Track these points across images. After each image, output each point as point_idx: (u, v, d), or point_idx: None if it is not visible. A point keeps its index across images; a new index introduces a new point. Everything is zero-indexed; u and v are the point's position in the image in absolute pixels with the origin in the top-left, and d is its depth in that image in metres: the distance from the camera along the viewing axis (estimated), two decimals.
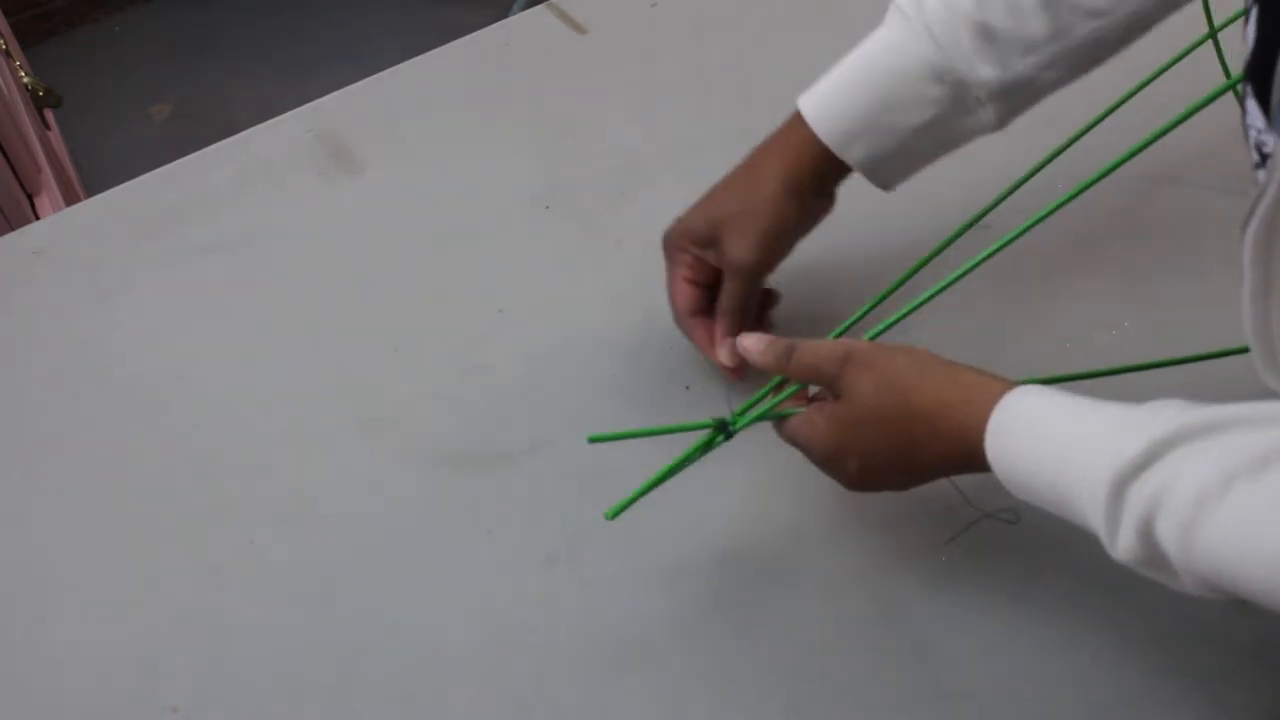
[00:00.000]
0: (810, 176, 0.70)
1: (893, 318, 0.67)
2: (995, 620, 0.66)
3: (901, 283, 0.73)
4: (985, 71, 0.66)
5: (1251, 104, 0.50)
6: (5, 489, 0.76)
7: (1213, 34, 0.79)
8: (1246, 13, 0.51)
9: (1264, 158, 0.47)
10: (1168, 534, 0.48)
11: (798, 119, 0.70)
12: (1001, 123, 0.69)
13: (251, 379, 0.81)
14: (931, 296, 0.68)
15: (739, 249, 0.70)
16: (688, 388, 0.77)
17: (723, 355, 0.72)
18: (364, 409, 0.79)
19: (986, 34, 0.65)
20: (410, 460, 0.76)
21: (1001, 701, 0.63)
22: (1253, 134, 0.50)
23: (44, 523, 0.74)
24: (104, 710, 0.66)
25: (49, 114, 2.00)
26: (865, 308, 0.72)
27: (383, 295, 0.86)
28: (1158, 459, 0.49)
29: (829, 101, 0.69)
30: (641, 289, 0.79)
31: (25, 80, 1.86)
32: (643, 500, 0.65)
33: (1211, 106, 0.67)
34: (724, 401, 0.69)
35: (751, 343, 0.66)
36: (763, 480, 0.72)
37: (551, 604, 0.68)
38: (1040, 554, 0.67)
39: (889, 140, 0.69)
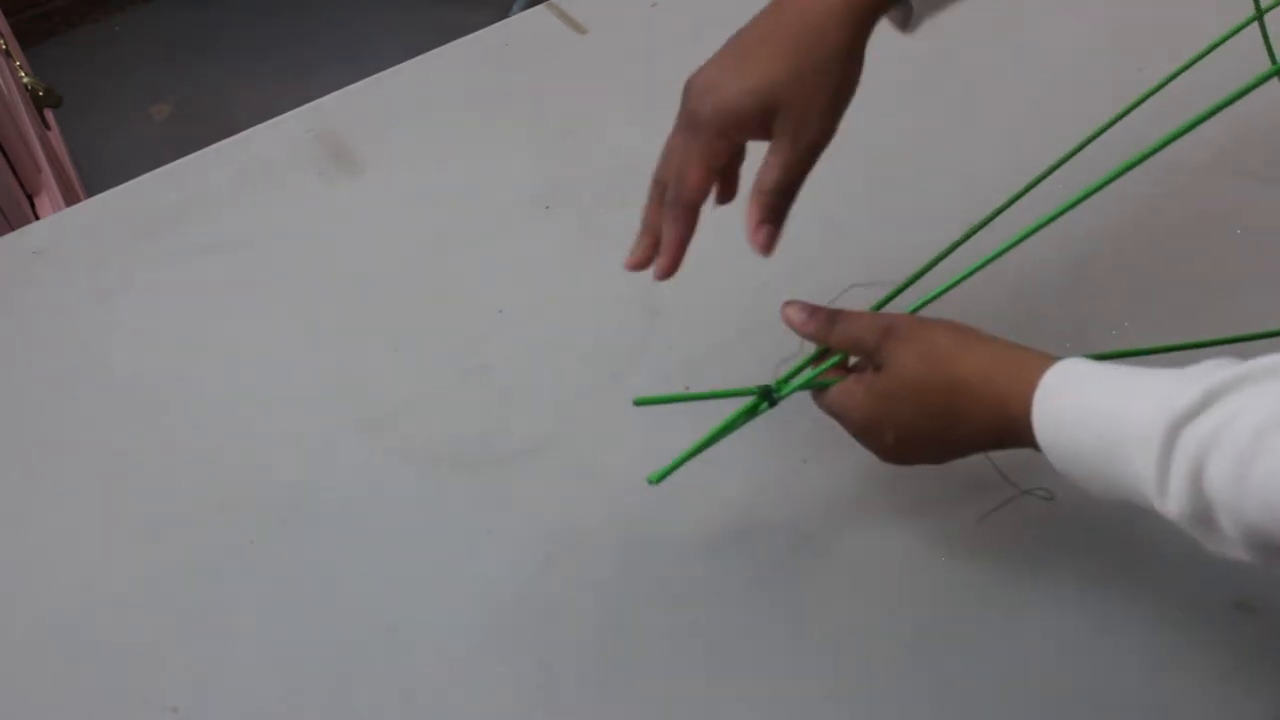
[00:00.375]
0: (873, 14, 0.60)
1: (917, 303, 0.67)
2: (1000, 611, 0.66)
3: (909, 283, 0.72)
4: None
5: None
6: (5, 489, 0.76)
7: (1229, 35, 0.78)
8: None
9: None
10: (1221, 472, 0.47)
11: None
12: None
13: (251, 379, 0.81)
14: (971, 273, 0.67)
15: (810, 125, 0.60)
16: (687, 387, 0.77)
17: (762, 238, 0.63)
18: (364, 409, 0.79)
19: None
20: (410, 460, 0.76)
21: (1001, 696, 0.63)
22: None
23: (44, 523, 0.74)
24: (104, 710, 0.66)
25: (49, 114, 2.00)
26: (898, 287, 0.71)
27: (383, 295, 0.86)
28: (1215, 401, 0.48)
29: None
30: (641, 289, 0.79)
31: (25, 80, 1.86)
32: (643, 500, 0.65)
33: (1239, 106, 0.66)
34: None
35: (794, 311, 0.66)
36: (760, 477, 0.72)
37: (551, 604, 0.68)
38: (1033, 553, 0.67)
39: None
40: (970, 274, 0.67)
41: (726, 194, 0.67)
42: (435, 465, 0.75)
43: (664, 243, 0.65)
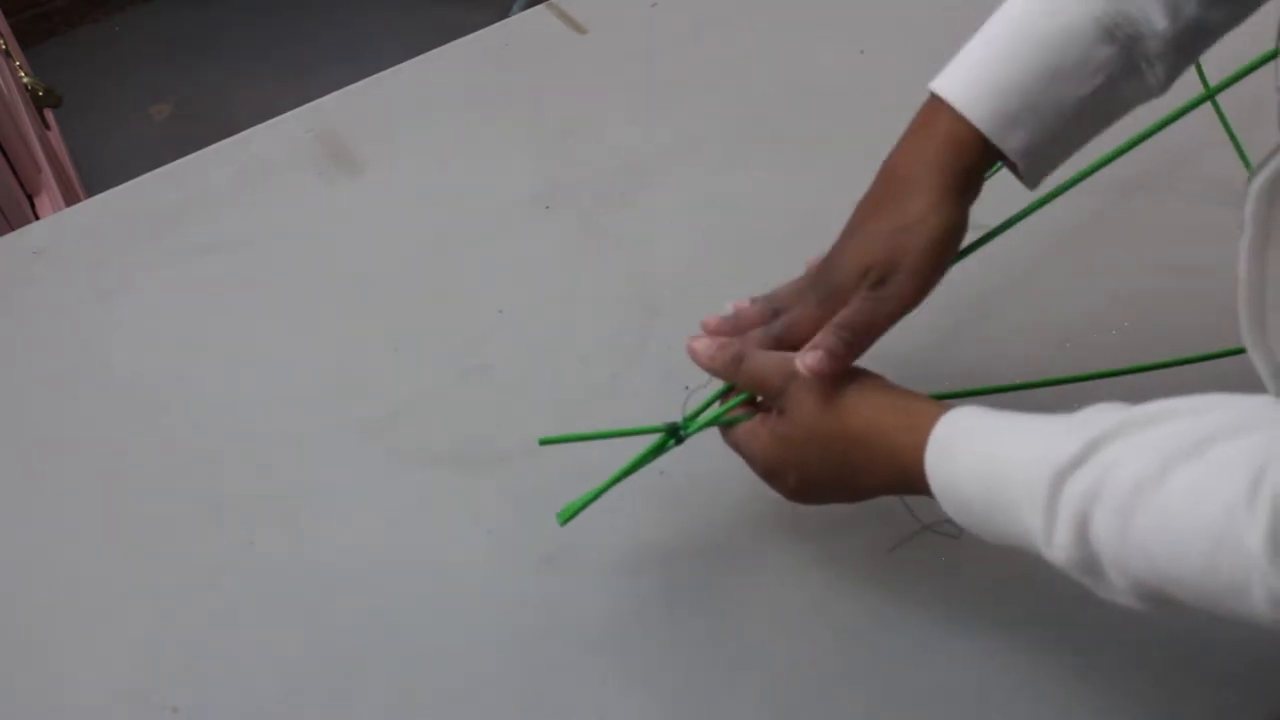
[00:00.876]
0: (966, 176, 0.60)
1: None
2: (993, 619, 0.66)
3: None
4: (1159, 20, 0.57)
5: None
6: (5, 489, 0.76)
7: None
8: None
9: None
10: (1105, 525, 0.48)
11: (937, 109, 0.60)
12: (1169, 82, 0.60)
13: (251, 379, 0.81)
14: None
15: (905, 288, 0.60)
16: (687, 387, 0.77)
17: (818, 362, 0.60)
18: (364, 409, 0.79)
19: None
20: (410, 460, 0.76)
21: (998, 701, 0.63)
22: None
23: (44, 523, 0.74)
24: (104, 710, 0.66)
25: (49, 114, 2.00)
26: None
27: (383, 295, 0.86)
28: (1096, 452, 0.49)
29: (979, 79, 0.59)
30: (641, 289, 0.80)
31: (25, 80, 1.86)
32: (644, 501, 0.65)
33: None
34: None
35: (701, 346, 0.65)
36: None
37: (551, 604, 0.68)
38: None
39: (1053, 119, 0.59)
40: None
41: None
42: (435, 465, 0.75)
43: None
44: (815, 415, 0.60)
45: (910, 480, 0.57)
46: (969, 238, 0.62)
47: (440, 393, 0.79)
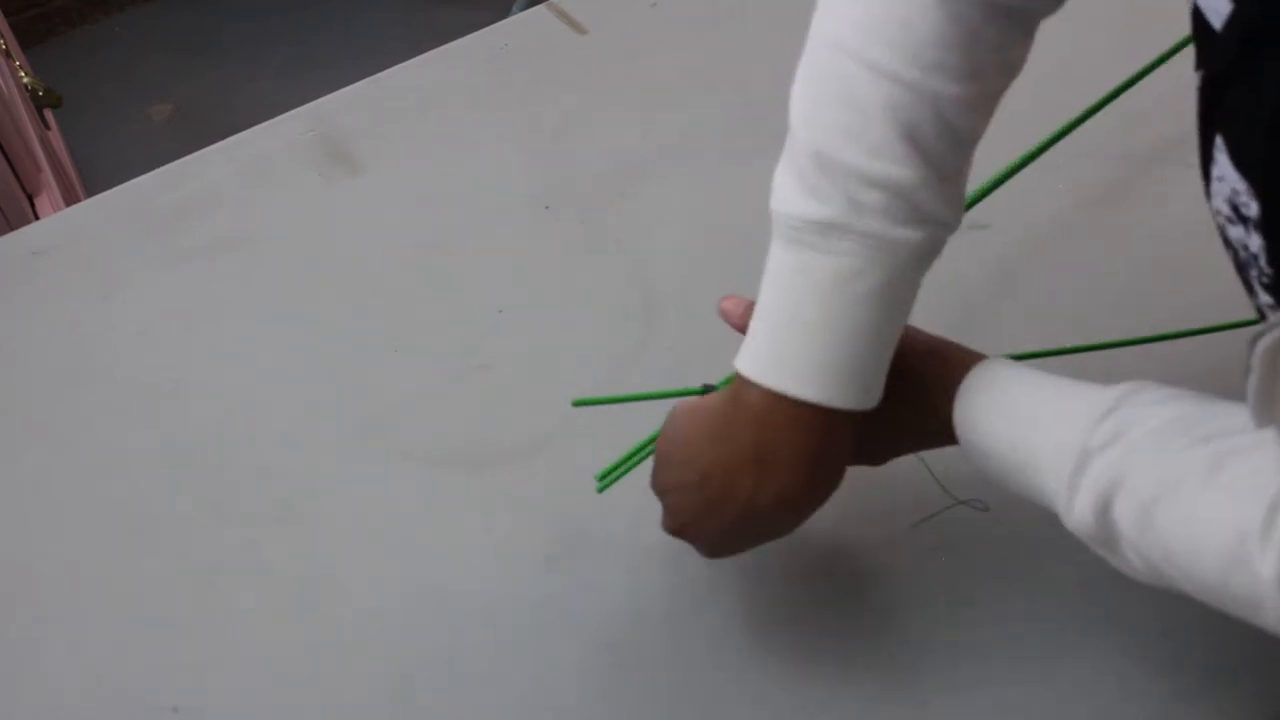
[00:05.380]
0: (841, 451, 0.57)
1: None
2: (992, 617, 0.66)
3: None
4: (951, 214, 0.55)
5: (1223, 158, 0.43)
6: (5, 489, 0.76)
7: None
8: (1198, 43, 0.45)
9: (1243, 218, 0.43)
10: (1127, 513, 0.49)
11: (774, 403, 0.55)
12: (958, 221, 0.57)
13: (251, 379, 0.81)
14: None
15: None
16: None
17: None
18: (364, 409, 0.79)
19: (941, 173, 0.54)
20: (410, 460, 0.76)
21: (997, 700, 0.63)
22: (1223, 188, 0.44)
23: (44, 523, 0.74)
24: (104, 710, 0.66)
25: (49, 114, 2.00)
26: None
27: (382, 295, 0.86)
28: (1121, 438, 0.50)
29: (838, 371, 0.54)
30: (642, 289, 0.80)
31: (25, 80, 1.86)
32: (645, 501, 0.65)
33: None
34: None
35: (731, 305, 0.65)
36: None
37: (551, 604, 0.68)
38: (1041, 547, 0.67)
39: (890, 345, 0.56)
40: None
41: None
42: (435, 465, 0.75)
43: None
44: None
45: (940, 422, 0.57)
46: (968, 236, 0.62)
47: (440, 393, 0.79)
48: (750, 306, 0.59)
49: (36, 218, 1.56)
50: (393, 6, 2.56)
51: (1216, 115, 0.44)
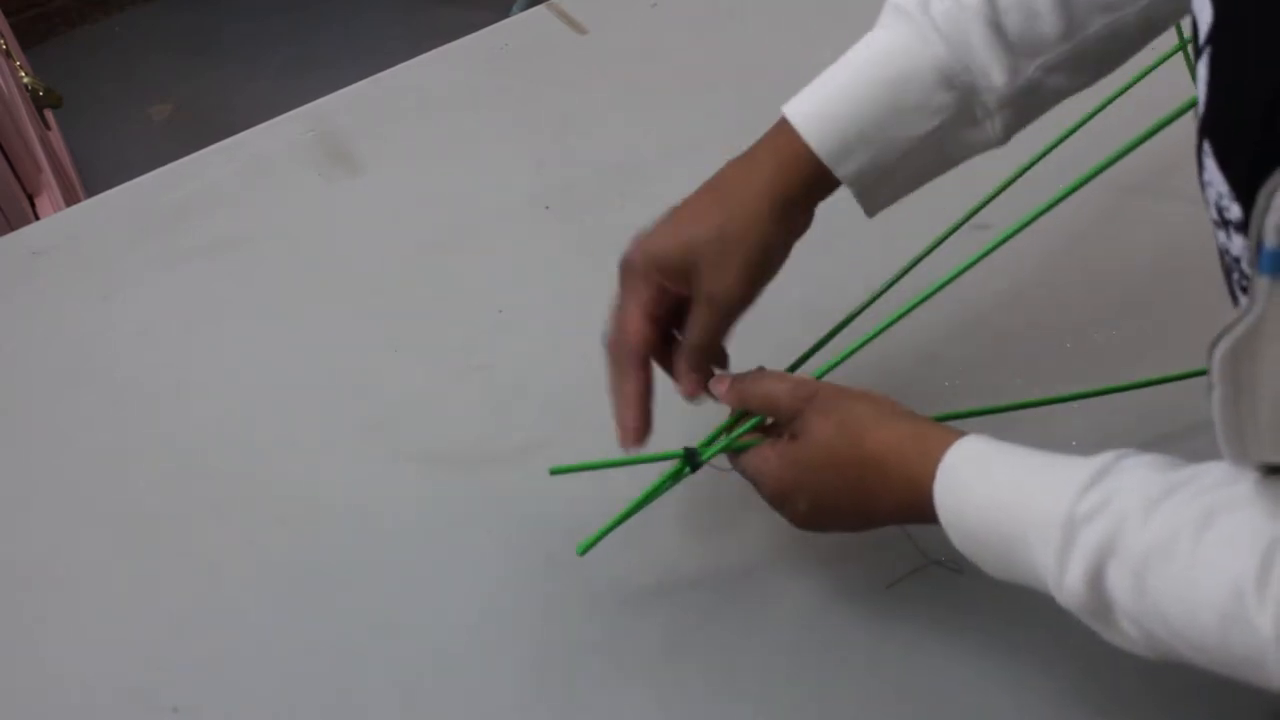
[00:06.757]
0: (799, 193, 0.63)
1: (888, 319, 0.67)
2: (990, 617, 0.66)
3: (892, 284, 0.72)
4: (997, 76, 0.60)
5: (1210, 163, 0.44)
6: (5, 489, 0.76)
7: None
8: (1196, 54, 0.46)
9: (1226, 221, 0.44)
10: (1120, 580, 0.49)
11: (784, 129, 0.63)
12: (1007, 135, 0.63)
13: (251, 379, 0.81)
14: (923, 300, 0.67)
15: (722, 280, 0.62)
16: None
17: (687, 387, 0.65)
18: (364, 409, 0.79)
19: (999, 33, 0.60)
20: (410, 460, 0.76)
21: (997, 700, 0.63)
22: (1211, 193, 0.45)
23: (44, 523, 0.74)
24: (104, 710, 0.66)
25: (49, 114, 2.00)
26: (858, 306, 0.72)
27: (382, 295, 0.86)
28: (1109, 505, 0.49)
29: (824, 110, 0.62)
30: None
31: (25, 80, 1.86)
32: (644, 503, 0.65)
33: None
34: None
35: (715, 386, 0.65)
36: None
37: (551, 604, 0.68)
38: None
39: (888, 154, 0.62)
40: (949, 281, 0.68)
41: (664, 359, 0.67)
42: (435, 465, 0.75)
43: (621, 397, 0.65)
44: (831, 438, 0.59)
45: (921, 508, 0.56)
46: (973, 237, 0.62)
47: (440, 393, 0.79)
48: (732, 381, 0.64)
49: (36, 218, 1.56)
50: (393, 6, 2.56)
51: (1204, 119, 0.44)
